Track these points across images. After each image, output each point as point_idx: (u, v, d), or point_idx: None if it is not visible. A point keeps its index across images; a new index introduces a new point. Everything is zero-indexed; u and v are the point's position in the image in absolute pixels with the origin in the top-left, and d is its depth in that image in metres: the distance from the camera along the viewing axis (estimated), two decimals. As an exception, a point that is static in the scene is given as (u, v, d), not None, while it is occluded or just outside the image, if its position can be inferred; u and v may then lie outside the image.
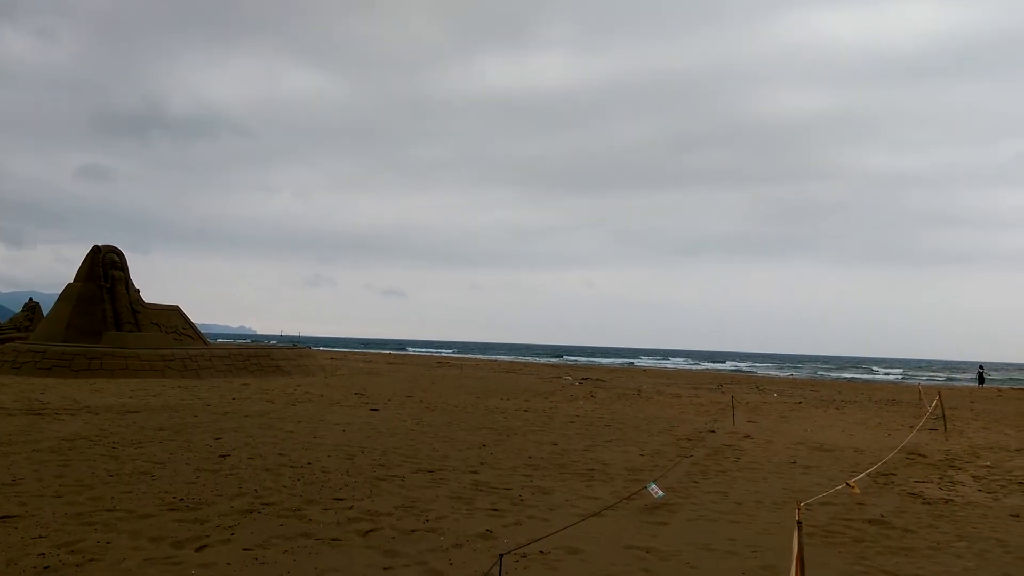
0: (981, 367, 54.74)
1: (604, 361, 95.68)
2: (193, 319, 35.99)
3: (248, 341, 76.85)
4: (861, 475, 10.89)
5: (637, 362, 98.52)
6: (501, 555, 5.49)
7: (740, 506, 9.56)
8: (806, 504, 8.83)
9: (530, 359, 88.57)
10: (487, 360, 73.15)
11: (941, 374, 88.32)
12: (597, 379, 40.61)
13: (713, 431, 17.35)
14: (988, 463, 13.76)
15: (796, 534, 5.20)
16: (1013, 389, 49.06)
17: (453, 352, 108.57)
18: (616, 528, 8.16)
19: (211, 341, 39.52)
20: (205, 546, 6.85)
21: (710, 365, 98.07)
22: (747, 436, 16.62)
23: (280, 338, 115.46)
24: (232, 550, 6.77)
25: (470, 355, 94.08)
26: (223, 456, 11.44)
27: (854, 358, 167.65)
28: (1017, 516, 9.42)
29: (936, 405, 20.29)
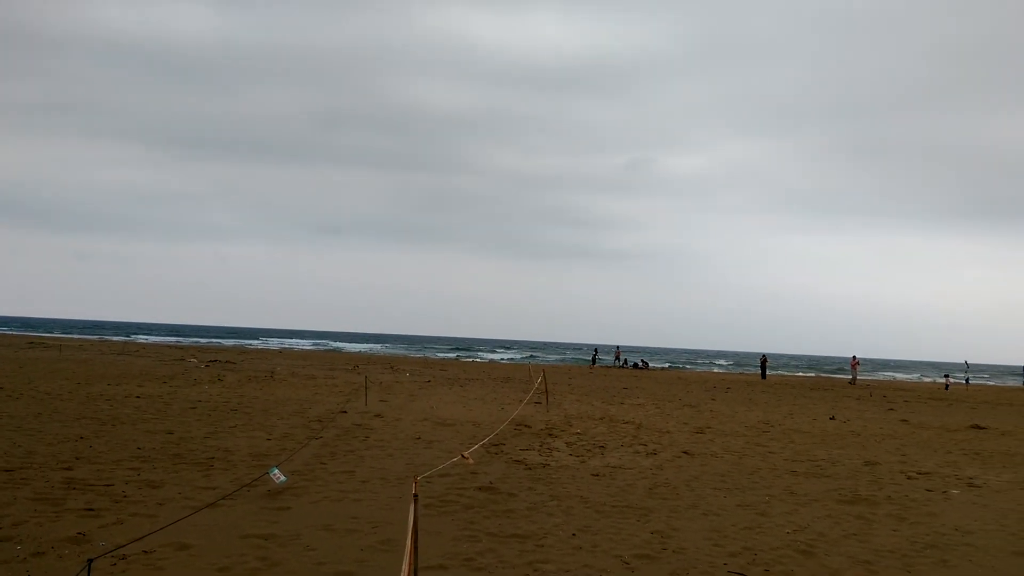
0: (595, 349, 63.06)
1: (248, 342, 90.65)
2: None
3: None
4: (475, 447, 11.83)
5: (276, 343, 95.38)
6: (90, 560, 4.80)
7: (366, 484, 9.73)
8: (425, 477, 9.29)
9: (147, 339, 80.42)
10: (95, 341, 64.67)
11: (558, 355, 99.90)
12: (227, 361, 38.41)
13: (345, 411, 17.48)
14: (578, 431, 15.94)
15: (412, 507, 5.40)
16: (603, 367, 57.78)
17: (50, 332, 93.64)
18: (234, 518, 7.72)
19: None
20: None
21: (353, 346, 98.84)
22: (378, 415, 17.06)
23: None
24: None
25: (73, 335, 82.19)
26: None
27: (486, 340, 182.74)
28: (597, 475, 11.03)
29: (541, 381, 22.97)
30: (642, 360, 63.53)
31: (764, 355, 54.89)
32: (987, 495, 10.71)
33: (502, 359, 77.35)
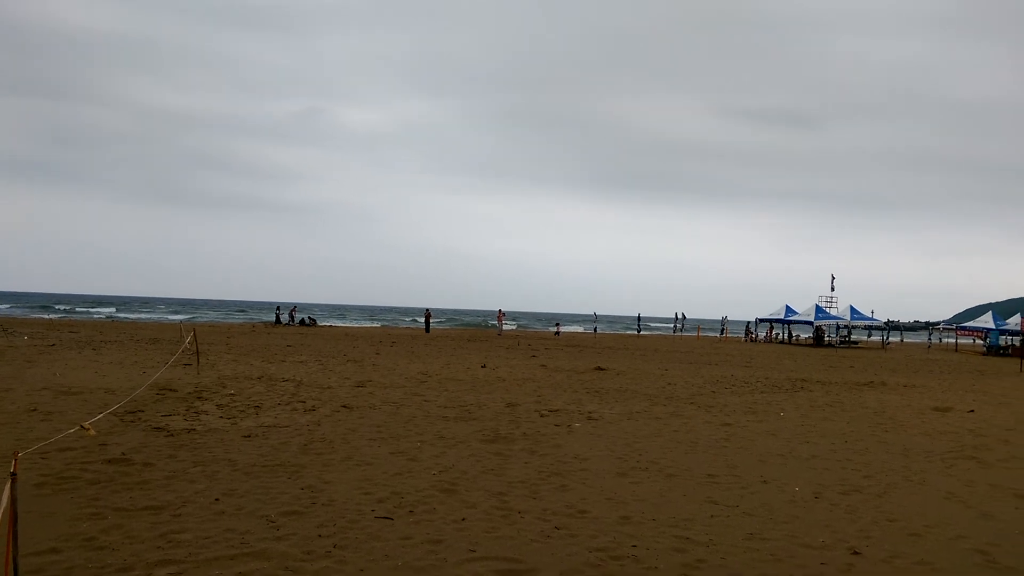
0: (278, 307, 59.34)
1: None
2: None
3: None
4: (102, 415, 10.57)
5: None
6: None
7: (-44, 468, 8.15)
8: (36, 452, 8.13)
9: None
10: None
11: (220, 313, 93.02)
12: None
13: (-66, 384, 14.46)
14: (232, 392, 15.11)
15: (8, 488, 4.63)
16: (280, 326, 55.21)
17: None
18: None
19: None
20: None
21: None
22: (-20, 386, 14.40)
23: None
24: None
25: None
26: None
27: (136, 297, 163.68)
28: (249, 436, 10.56)
29: (191, 341, 21.32)
30: (308, 317, 62.42)
31: (428, 309, 57.41)
32: (602, 426, 12.43)
33: (151, 318, 70.45)
